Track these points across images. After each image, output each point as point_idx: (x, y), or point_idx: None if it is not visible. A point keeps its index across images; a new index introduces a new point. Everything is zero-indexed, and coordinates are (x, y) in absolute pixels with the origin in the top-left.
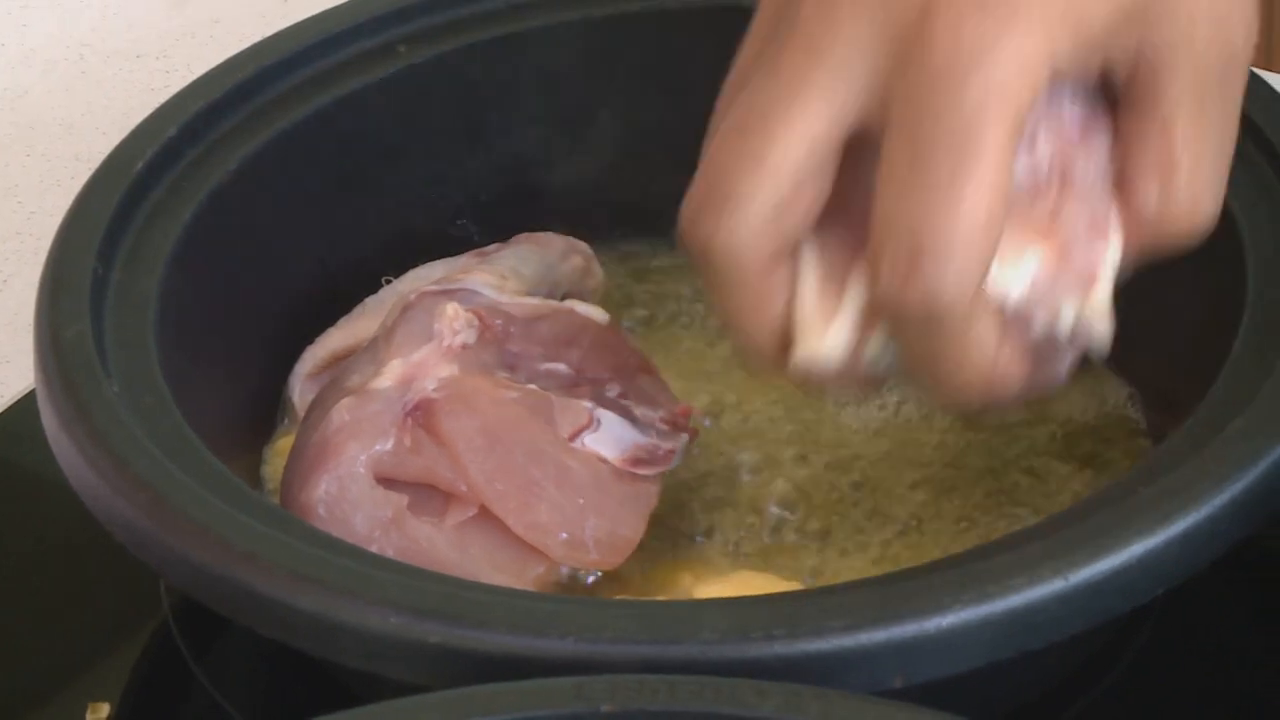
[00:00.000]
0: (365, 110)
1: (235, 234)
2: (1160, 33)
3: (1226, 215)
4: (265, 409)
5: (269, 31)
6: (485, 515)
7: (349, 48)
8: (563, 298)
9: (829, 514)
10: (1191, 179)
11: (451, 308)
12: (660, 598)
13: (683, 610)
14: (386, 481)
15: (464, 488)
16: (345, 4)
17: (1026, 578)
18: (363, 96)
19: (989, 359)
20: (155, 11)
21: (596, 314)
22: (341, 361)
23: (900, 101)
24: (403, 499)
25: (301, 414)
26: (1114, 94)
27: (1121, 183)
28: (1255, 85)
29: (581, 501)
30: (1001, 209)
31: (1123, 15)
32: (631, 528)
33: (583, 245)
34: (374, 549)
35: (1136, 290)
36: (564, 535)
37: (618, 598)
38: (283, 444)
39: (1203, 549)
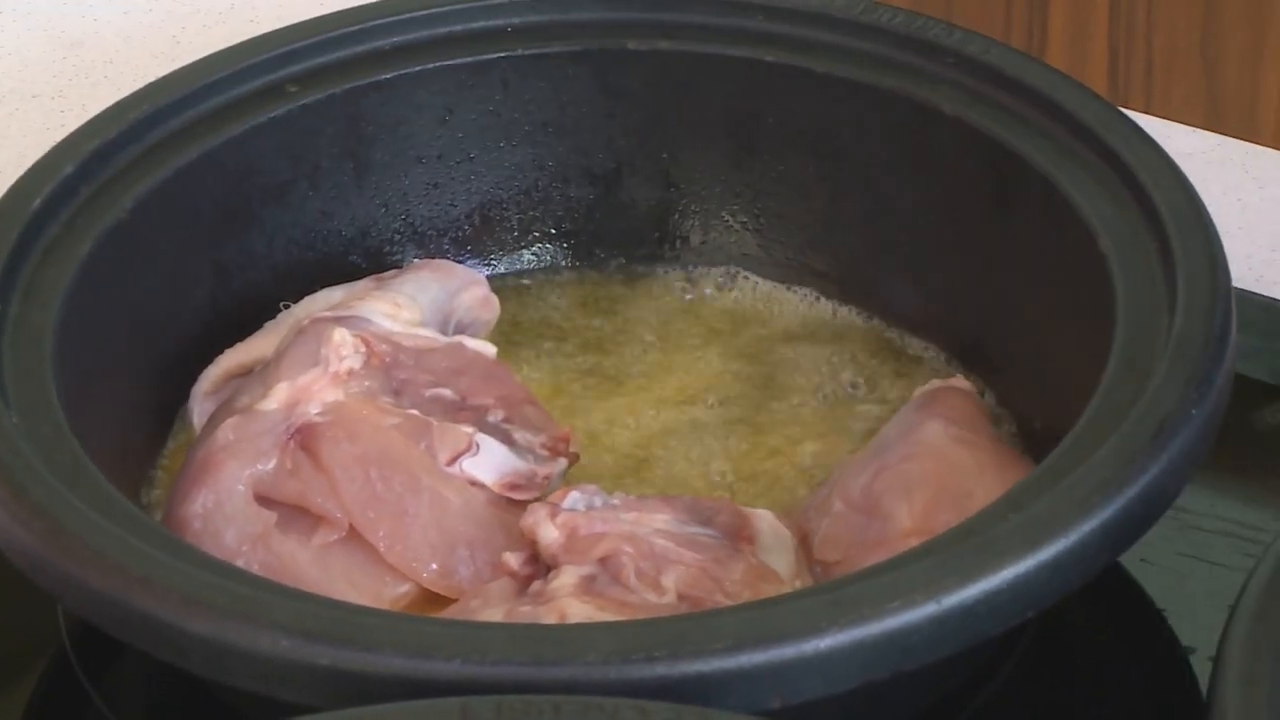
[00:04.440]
0: (256, 148)
1: (131, 269)
2: None
3: (1098, 255)
4: (162, 434)
5: (162, 72)
6: (352, 538)
7: (240, 87)
8: (457, 328)
9: None
10: None
11: (339, 334)
12: None
13: (567, 633)
14: (264, 500)
15: (337, 513)
16: (236, 45)
17: (900, 602)
18: (254, 135)
19: None
20: (50, 52)
21: (485, 348)
22: (235, 380)
23: None
24: (272, 516)
25: (198, 431)
26: None
27: None
28: (1126, 128)
29: (453, 532)
30: None
31: None
32: (501, 555)
33: (481, 277)
34: (240, 562)
35: (1013, 326)
36: (434, 565)
37: (502, 620)
38: (173, 460)
39: (1071, 574)
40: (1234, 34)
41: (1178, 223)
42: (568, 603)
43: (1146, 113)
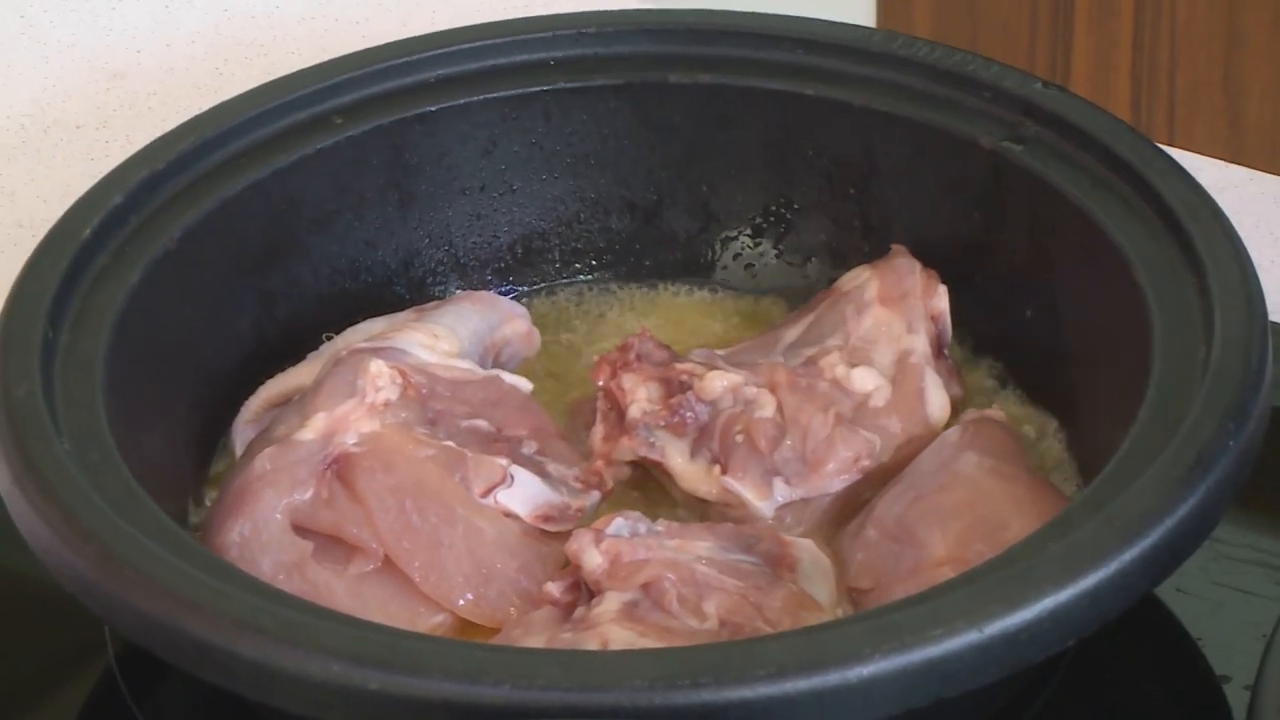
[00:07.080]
0: (302, 179)
1: (178, 297)
2: None
3: (1134, 287)
4: (209, 460)
5: (205, 104)
6: (387, 568)
7: (286, 119)
8: (498, 361)
9: None
10: None
11: (375, 365)
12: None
13: (613, 659)
14: (301, 530)
15: (372, 543)
16: (282, 77)
17: (943, 629)
18: (299, 166)
19: None
20: (94, 83)
21: (521, 383)
22: (275, 409)
23: None
24: (308, 545)
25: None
26: None
27: None
28: (1162, 162)
29: (487, 562)
30: None
31: None
32: (535, 586)
33: (523, 310)
34: None
35: (1050, 358)
36: (469, 595)
37: (548, 647)
38: (218, 486)
39: (1111, 603)
40: (1257, 68)
41: (1213, 256)
42: (610, 629)
43: (1169, 145)
